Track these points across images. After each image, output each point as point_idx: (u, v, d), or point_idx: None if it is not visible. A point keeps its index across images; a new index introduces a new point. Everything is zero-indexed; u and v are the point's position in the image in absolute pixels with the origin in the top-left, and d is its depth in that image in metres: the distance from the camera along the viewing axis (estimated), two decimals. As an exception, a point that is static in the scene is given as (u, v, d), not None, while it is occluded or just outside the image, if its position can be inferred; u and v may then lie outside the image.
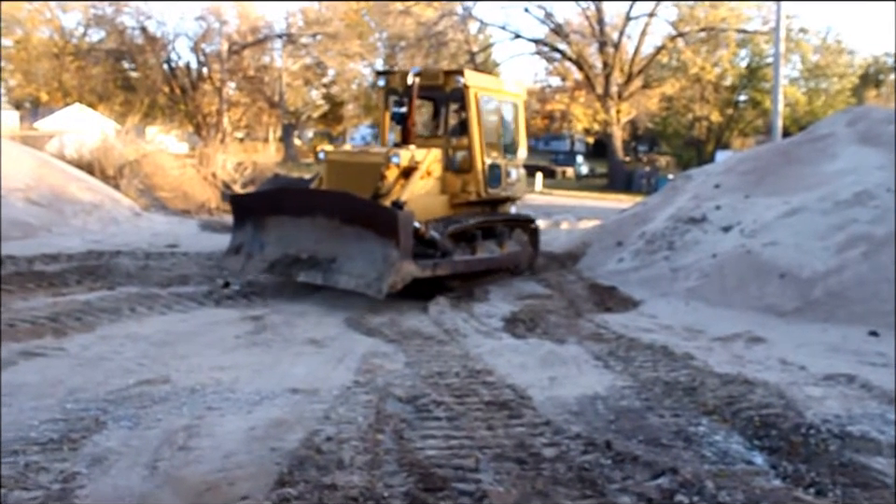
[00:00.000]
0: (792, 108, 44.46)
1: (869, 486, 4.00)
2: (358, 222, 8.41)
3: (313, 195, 9.53)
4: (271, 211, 9.17)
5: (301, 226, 8.83)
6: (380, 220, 8.30)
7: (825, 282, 9.10)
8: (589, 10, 43.70)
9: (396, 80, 10.83)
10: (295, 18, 52.37)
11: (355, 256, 8.37)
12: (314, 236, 8.72)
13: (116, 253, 11.39)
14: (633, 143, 65.19)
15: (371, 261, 8.22)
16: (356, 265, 8.32)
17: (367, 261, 8.26)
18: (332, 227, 8.59)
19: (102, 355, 6.15)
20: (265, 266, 8.95)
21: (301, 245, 8.78)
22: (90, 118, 40.85)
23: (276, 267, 8.85)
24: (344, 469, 4.02)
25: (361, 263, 8.29)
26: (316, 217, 8.71)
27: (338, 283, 8.41)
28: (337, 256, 8.48)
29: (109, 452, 4.18)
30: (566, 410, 5.20)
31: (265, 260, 8.98)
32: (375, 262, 8.19)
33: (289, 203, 9.11)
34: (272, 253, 8.98)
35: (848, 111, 14.99)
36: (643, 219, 13.20)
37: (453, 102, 11.46)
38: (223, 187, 21.59)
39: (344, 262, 8.41)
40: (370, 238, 8.29)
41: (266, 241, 9.12)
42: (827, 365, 6.62)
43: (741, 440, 4.73)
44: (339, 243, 8.52)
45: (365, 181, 9.31)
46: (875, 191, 10.34)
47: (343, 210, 8.55)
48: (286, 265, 8.78)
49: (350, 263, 8.37)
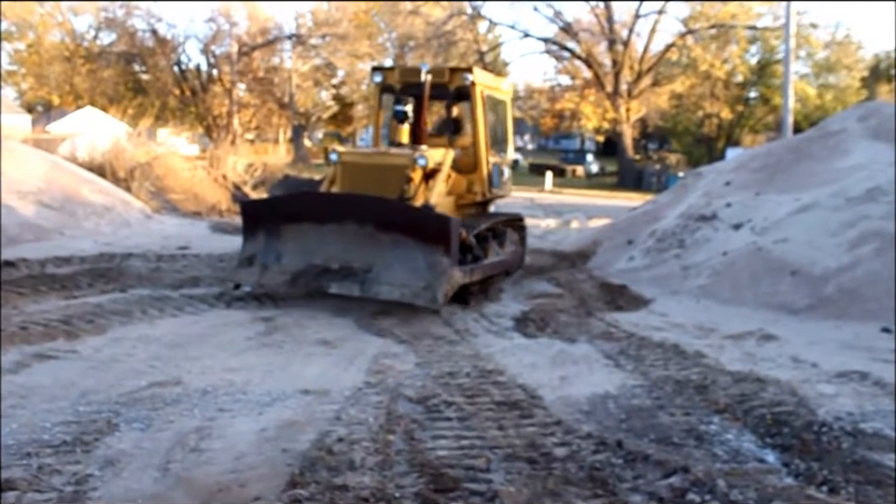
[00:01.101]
0: (803, 104, 44.25)
1: (882, 484, 3.98)
2: (397, 229, 8.00)
3: (340, 200, 8.77)
4: (287, 218, 8.52)
5: (326, 233, 8.27)
6: (428, 227, 7.97)
7: (837, 279, 9.06)
8: (598, 8, 43.72)
9: (393, 77, 10.38)
10: (304, 19, 52.67)
11: (393, 264, 7.93)
12: (342, 244, 8.17)
13: (127, 255, 11.43)
14: (643, 141, 65.02)
15: (412, 270, 7.86)
16: (395, 274, 7.90)
17: (408, 270, 7.88)
18: (365, 234, 8.10)
19: (114, 357, 6.17)
20: (286, 278, 8.30)
21: (328, 255, 8.20)
22: (101, 120, 41.06)
23: (300, 279, 8.23)
24: (356, 469, 4.02)
25: (402, 272, 7.89)
26: (345, 224, 8.19)
27: (379, 294, 7.95)
28: (373, 265, 7.99)
29: (121, 454, 4.20)
30: (577, 409, 5.20)
31: (285, 272, 8.33)
32: (418, 270, 7.84)
33: (311, 209, 8.51)
34: (292, 263, 8.35)
35: (860, 107, 14.91)
36: (653, 217, 13.18)
37: (458, 100, 10.86)
38: (234, 188, 21.67)
39: (382, 272, 7.95)
40: (409, 245, 7.92)
41: (282, 250, 8.47)
42: (839, 362, 6.59)
43: (753, 438, 4.72)
44: (373, 251, 8.04)
45: (387, 184, 8.79)
46: (887, 187, 10.28)
47: (378, 216, 8.10)
48: (312, 276, 8.19)
49: (389, 272, 7.92)
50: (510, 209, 12.20)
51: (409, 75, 10.25)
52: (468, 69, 10.31)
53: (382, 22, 52.44)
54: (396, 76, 10.33)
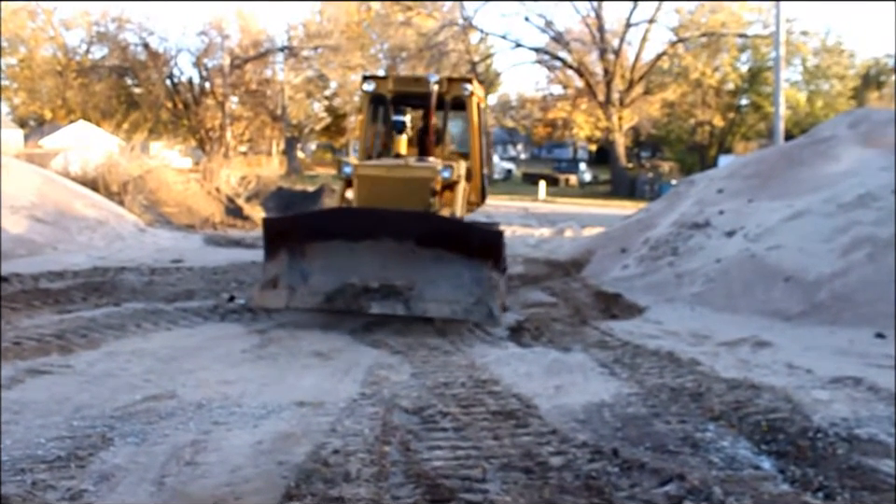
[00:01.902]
0: (794, 111, 44.47)
1: (878, 489, 3.99)
2: (440, 244, 7.79)
3: (376, 216, 8.27)
4: (312, 236, 8.04)
5: (359, 251, 7.87)
6: (475, 241, 7.85)
7: (831, 284, 9.08)
8: (589, 18, 43.92)
9: (386, 86, 10.14)
10: (296, 31, 52.85)
11: (436, 280, 7.73)
12: (378, 262, 7.84)
13: (121, 269, 11.41)
14: (635, 149, 65.20)
15: (457, 285, 7.72)
16: (440, 291, 7.71)
17: (453, 286, 7.72)
18: (404, 250, 7.81)
19: (108, 371, 6.15)
20: (319, 299, 7.84)
21: (365, 273, 7.80)
22: (94, 134, 41.04)
23: (337, 299, 7.78)
24: (351, 481, 4.02)
25: (447, 288, 7.72)
26: (382, 240, 7.85)
27: (426, 311, 7.74)
28: (415, 282, 7.73)
29: (116, 468, 4.19)
30: (572, 418, 5.19)
31: (316, 293, 7.86)
32: (464, 286, 7.71)
33: (342, 226, 8.06)
34: (323, 283, 7.86)
35: (850, 113, 15.02)
36: (647, 226, 13.21)
37: (452, 110, 10.70)
38: (227, 201, 21.69)
39: (426, 289, 7.71)
40: (453, 260, 7.75)
41: (309, 270, 7.96)
42: (834, 368, 6.60)
43: (748, 444, 4.72)
44: (414, 267, 7.79)
45: (411, 197, 8.52)
46: (878, 193, 10.33)
47: (420, 231, 7.87)
48: (351, 297, 7.75)
49: (433, 289, 7.71)
50: (506, 218, 12.23)
51: (402, 84, 10.12)
52: (467, 79, 10.25)
53: (374, 34, 52.60)
54: (389, 85, 10.12)
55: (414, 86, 10.08)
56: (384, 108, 10.37)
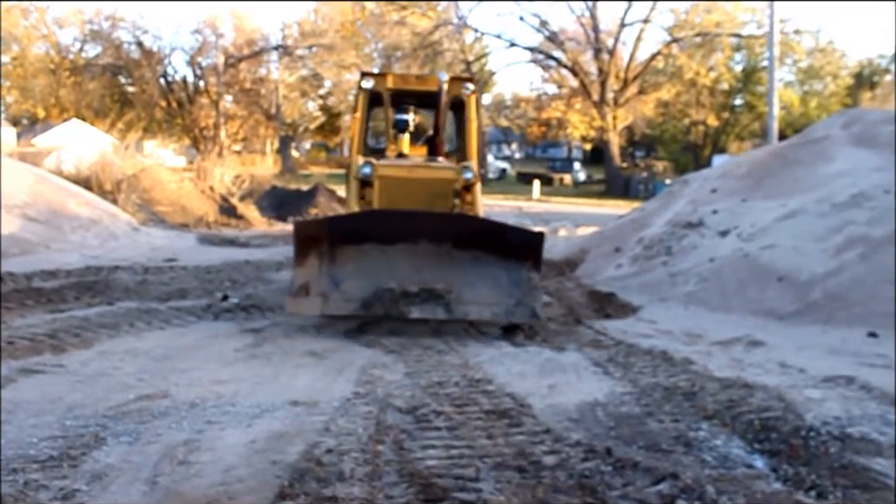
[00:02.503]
0: (787, 111, 44.61)
1: (869, 487, 4.00)
2: (478, 245, 7.70)
3: (412, 218, 8.05)
4: (343, 239, 7.69)
5: (394, 254, 7.66)
6: (514, 242, 7.82)
7: (824, 284, 9.11)
8: (584, 17, 43.95)
9: (384, 83, 9.94)
10: (291, 30, 52.85)
11: (474, 282, 7.64)
12: (414, 265, 7.66)
13: (114, 268, 11.39)
14: (630, 149, 65.31)
15: (495, 286, 7.68)
16: (479, 293, 7.63)
17: (491, 287, 7.67)
18: (440, 252, 7.68)
19: (101, 371, 6.14)
20: (355, 305, 7.55)
21: (400, 277, 7.60)
22: (87, 133, 40.93)
23: (374, 305, 7.53)
24: (345, 480, 4.01)
25: (485, 290, 7.65)
26: (419, 243, 7.68)
27: (467, 314, 7.66)
28: (452, 284, 7.60)
29: (109, 468, 4.17)
30: (565, 417, 5.20)
31: (351, 299, 7.55)
32: (503, 287, 7.68)
33: (376, 229, 7.74)
34: (357, 289, 7.56)
35: (844, 113, 15.08)
36: (641, 225, 13.23)
37: (452, 109, 10.49)
38: (221, 200, 21.67)
39: (464, 291, 7.61)
40: (490, 261, 7.69)
41: (340, 276, 7.61)
42: (827, 367, 6.61)
43: (741, 443, 4.72)
44: (450, 269, 7.66)
45: (434, 198, 8.44)
46: (871, 193, 10.37)
47: (458, 233, 7.76)
48: (389, 302, 7.52)
49: (472, 291, 7.62)
50: (501, 217, 12.21)
51: (403, 82, 10.01)
52: (468, 79, 10.15)
53: (368, 33, 52.56)
54: (388, 82, 9.93)
55: (416, 84, 10.03)
56: (381, 106, 10.20)
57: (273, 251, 15.13)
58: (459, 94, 9.87)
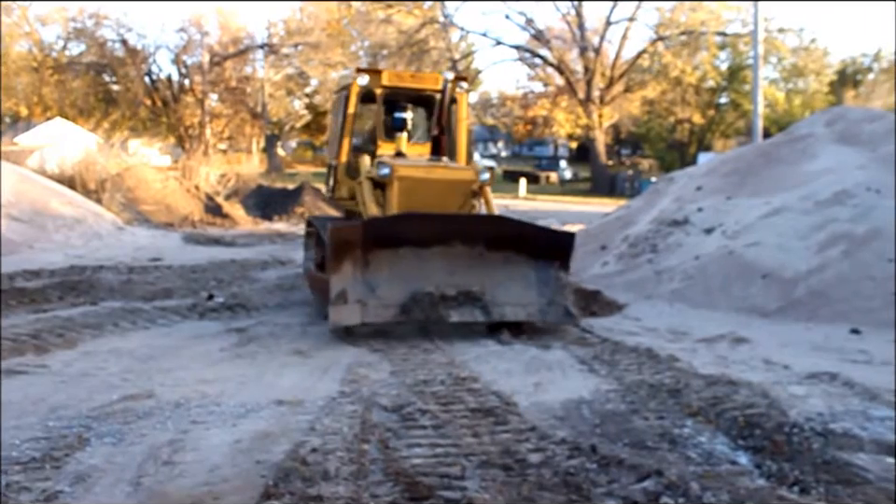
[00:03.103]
0: (772, 109, 44.82)
1: (851, 483, 4.03)
2: (510, 246, 7.75)
3: (447, 220, 7.98)
4: (379, 244, 7.48)
5: (428, 257, 7.58)
6: (547, 242, 7.95)
7: (807, 281, 9.18)
8: (570, 15, 43.99)
9: (381, 80, 9.58)
10: (276, 28, 52.56)
11: (504, 283, 7.69)
12: (447, 268, 7.61)
13: (98, 268, 11.33)
14: (616, 147, 65.49)
15: (525, 287, 7.76)
16: (510, 293, 7.69)
17: (522, 287, 7.75)
18: (474, 254, 7.69)
19: (85, 371, 6.11)
20: (394, 312, 7.37)
21: (435, 280, 7.53)
22: (71, 132, 40.60)
23: (413, 310, 7.39)
24: (330, 480, 4.00)
25: (516, 290, 7.72)
26: (453, 246, 7.64)
27: (504, 316, 7.63)
28: (484, 286, 7.62)
29: (92, 469, 4.15)
30: (551, 415, 5.21)
31: (389, 305, 7.37)
32: (532, 287, 7.77)
33: (412, 232, 7.59)
34: (393, 294, 7.41)
35: (827, 111, 15.16)
36: (626, 223, 13.27)
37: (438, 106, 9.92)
38: (206, 199, 21.58)
39: (496, 292, 7.64)
40: (521, 262, 7.79)
41: (375, 281, 7.41)
42: (810, 364, 6.67)
43: (726, 440, 4.75)
44: (483, 271, 7.67)
45: (452, 199, 8.37)
46: (854, 190, 10.45)
47: (491, 234, 7.76)
48: (429, 306, 7.42)
49: (503, 292, 7.66)
50: None
51: (398, 79, 9.77)
52: (462, 77, 9.99)
53: (354, 31, 52.35)
54: (384, 79, 9.61)
55: (411, 82, 9.80)
56: (373, 103, 9.92)
57: (258, 250, 15.10)
58: (452, 93, 9.63)
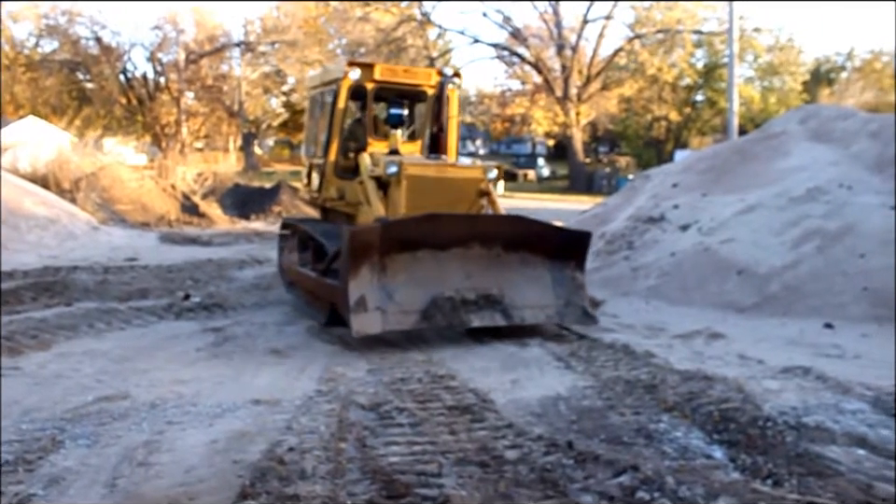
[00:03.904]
0: (747, 107, 45.20)
1: (823, 475, 4.08)
2: (525, 247, 7.61)
3: (467, 221, 7.75)
4: (396, 247, 7.12)
5: (445, 260, 7.31)
6: (563, 242, 7.82)
7: (782, 277, 9.27)
8: (547, 14, 44.06)
9: (373, 74, 9.13)
10: (253, 26, 52.27)
11: (521, 285, 7.53)
12: (464, 270, 7.37)
13: (73, 268, 11.22)
14: (593, 144, 65.73)
15: (542, 288, 7.63)
16: (527, 295, 7.53)
17: (538, 289, 7.61)
18: (491, 256, 7.49)
19: (59, 373, 6.05)
20: (415, 318, 7.04)
21: (453, 283, 7.27)
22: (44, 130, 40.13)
23: (435, 316, 7.08)
24: (307, 479, 3.99)
25: (533, 292, 7.57)
26: (471, 247, 7.42)
27: (524, 319, 7.47)
28: (502, 288, 7.43)
29: (67, 471, 4.12)
30: (528, 412, 5.23)
31: (408, 311, 7.03)
32: (547, 288, 7.65)
33: (431, 234, 7.28)
34: (412, 300, 7.08)
35: (800, 109, 15.33)
36: (603, 220, 13.33)
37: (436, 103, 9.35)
38: (183, 198, 21.42)
39: (513, 295, 7.45)
40: (536, 263, 7.66)
41: (392, 286, 7.04)
42: (784, 358, 6.74)
43: (701, 435, 4.79)
44: (499, 273, 7.48)
45: (460, 199, 8.13)
46: (826, 187, 10.57)
47: (509, 235, 7.58)
48: (450, 311, 7.14)
49: (520, 294, 7.50)
50: None
51: (391, 74, 9.40)
52: (455, 73, 9.47)
53: (331, 29, 52.14)
54: (376, 73, 9.18)
55: (405, 77, 9.47)
56: (363, 100, 9.53)
57: (235, 249, 15.02)
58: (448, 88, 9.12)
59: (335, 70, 9.43)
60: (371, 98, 9.37)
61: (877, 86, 47.85)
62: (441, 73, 9.08)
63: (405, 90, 9.44)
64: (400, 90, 9.38)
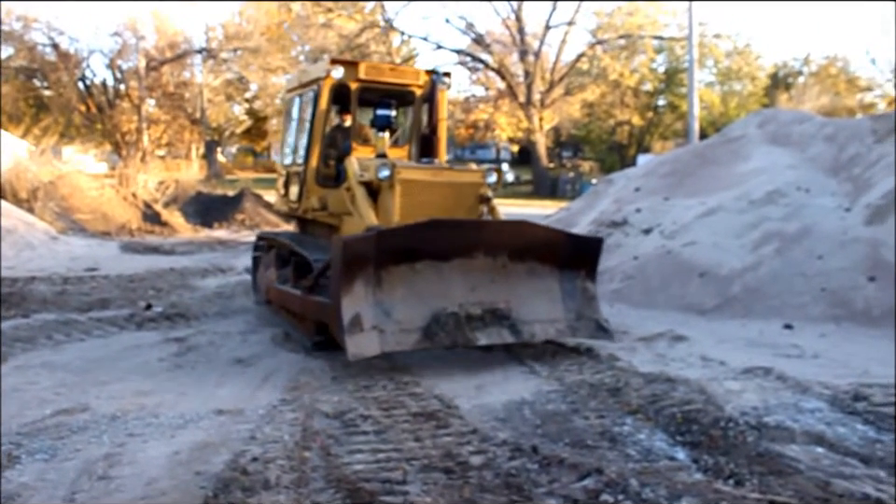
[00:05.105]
0: (709, 111, 45.86)
1: (783, 474, 4.14)
2: (533, 256, 7.02)
3: (471, 228, 7.10)
4: (394, 258, 6.45)
5: (447, 271, 6.66)
6: (573, 250, 7.23)
7: (742, 278, 9.40)
8: (509, 20, 44.31)
9: (358, 73, 8.67)
10: (215, 32, 51.73)
11: (529, 297, 6.92)
12: (468, 283, 6.72)
13: (30, 279, 11.02)
14: (557, 149, 66.10)
15: (551, 300, 7.05)
16: (536, 309, 6.92)
17: (548, 301, 7.03)
18: (496, 266, 6.87)
19: (15, 386, 5.92)
20: (416, 337, 6.35)
21: (458, 297, 6.63)
22: (0, 139, 39.40)
23: (438, 334, 6.41)
24: (271, 489, 3.96)
25: (541, 305, 6.98)
26: (475, 257, 6.76)
27: (534, 335, 6.87)
28: (510, 302, 6.82)
29: (23, 487, 4.03)
30: (493, 417, 5.24)
31: (409, 329, 6.35)
32: (557, 300, 7.07)
33: (432, 243, 6.62)
34: (412, 317, 6.41)
35: (759, 113, 15.55)
36: (567, 225, 13.38)
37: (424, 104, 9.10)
38: (144, 207, 21.16)
39: (521, 309, 6.84)
40: (545, 273, 7.09)
41: (390, 303, 6.37)
42: (745, 359, 6.82)
43: (664, 436, 4.84)
44: (506, 285, 6.86)
45: (458, 205, 7.61)
46: (785, 190, 10.76)
47: (515, 243, 6.96)
48: (454, 328, 6.47)
49: (527, 308, 6.87)
50: None
51: (376, 72, 8.91)
52: (445, 73, 9.08)
53: (294, 35, 51.89)
54: (360, 72, 8.69)
55: (391, 76, 9.01)
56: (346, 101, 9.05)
57: (198, 258, 14.86)
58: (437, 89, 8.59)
59: (316, 69, 8.96)
60: (355, 99, 8.90)
61: (833, 90, 48.77)
62: (431, 72, 8.63)
63: (392, 90, 8.91)
64: (387, 90, 8.85)
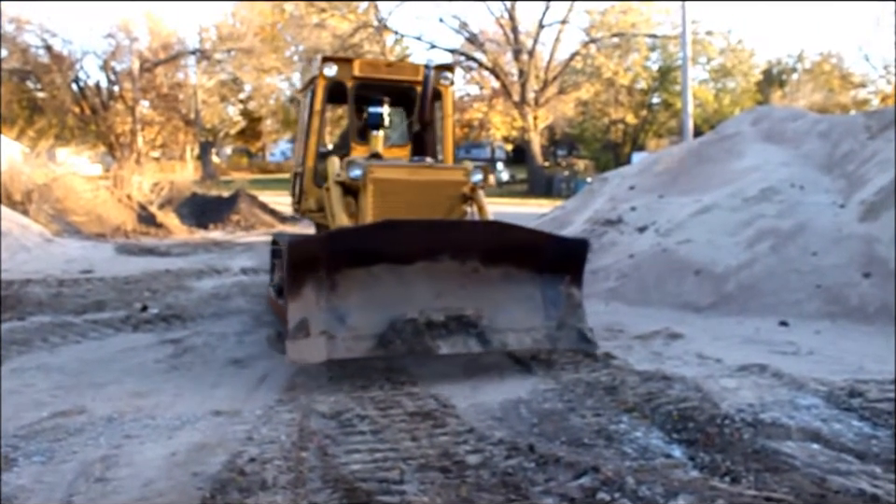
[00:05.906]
0: (703, 108, 45.95)
1: (779, 470, 4.16)
2: (509, 259, 6.52)
3: (436, 229, 6.66)
4: (348, 261, 6.08)
5: (409, 276, 6.26)
6: (554, 253, 6.69)
7: (737, 276, 9.43)
8: (503, 19, 44.31)
9: (352, 70, 8.42)
10: (208, 33, 51.69)
11: (505, 304, 6.46)
12: (434, 288, 6.31)
13: (26, 281, 10.99)
14: (552, 148, 66.18)
15: (530, 307, 6.56)
16: (511, 316, 6.44)
17: (525, 308, 6.53)
18: (466, 270, 6.41)
19: (11, 389, 5.91)
20: (369, 345, 6.01)
21: (420, 303, 6.21)
22: (-7, 142, 39.31)
23: (394, 342, 6.02)
24: (268, 489, 3.97)
25: (518, 313, 6.49)
26: (440, 260, 6.33)
27: (505, 345, 6.39)
28: (480, 309, 6.33)
29: (20, 490, 4.03)
30: (489, 416, 5.25)
31: (363, 337, 6.01)
32: (537, 308, 6.58)
33: (390, 245, 6.19)
34: (367, 323, 6.05)
35: (752, 111, 15.62)
36: (562, 223, 13.43)
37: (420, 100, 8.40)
38: (139, 208, 21.14)
39: (493, 316, 6.35)
40: (524, 278, 6.60)
41: (345, 308, 6.04)
42: (741, 356, 6.85)
43: (660, 434, 4.85)
44: (477, 291, 6.40)
45: (439, 204, 7.22)
46: (779, 187, 10.79)
47: (488, 245, 6.45)
48: (412, 336, 6.05)
49: (502, 315, 6.40)
50: None
51: (371, 69, 8.63)
52: (448, 67, 8.94)
53: (288, 36, 51.83)
54: (355, 69, 8.44)
55: (387, 73, 8.73)
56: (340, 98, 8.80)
57: (193, 259, 14.85)
58: (436, 85, 8.44)
59: (312, 69, 8.82)
60: (351, 97, 8.56)
61: (826, 87, 48.92)
62: (426, 66, 8.14)
63: (390, 87, 8.58)
64: (384, 87, 8.50)
